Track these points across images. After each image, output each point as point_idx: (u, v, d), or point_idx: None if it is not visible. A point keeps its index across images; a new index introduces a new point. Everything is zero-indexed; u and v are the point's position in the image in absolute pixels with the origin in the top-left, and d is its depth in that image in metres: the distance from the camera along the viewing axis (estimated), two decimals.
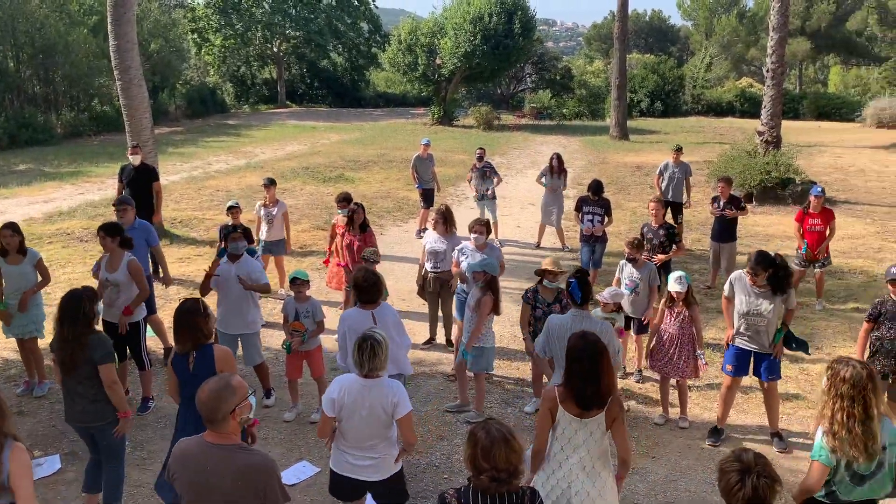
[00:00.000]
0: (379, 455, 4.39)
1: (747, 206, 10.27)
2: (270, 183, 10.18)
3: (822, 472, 3.92)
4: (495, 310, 6.61)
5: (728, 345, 6.38)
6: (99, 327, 6.31)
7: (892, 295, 6.06)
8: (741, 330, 6.22)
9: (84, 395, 4.96)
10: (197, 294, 8.42)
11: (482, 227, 7.57)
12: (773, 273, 5.97)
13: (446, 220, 8.16)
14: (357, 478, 4.43)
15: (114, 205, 7.78)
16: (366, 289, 5.46)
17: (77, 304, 4.91)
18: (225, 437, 3.39)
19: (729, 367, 6.34)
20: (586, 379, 4.00)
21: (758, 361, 6.26)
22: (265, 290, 7.03)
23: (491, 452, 3.23)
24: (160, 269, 8.27)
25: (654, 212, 8.84)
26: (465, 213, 12.70)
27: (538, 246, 12.63)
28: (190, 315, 4.70)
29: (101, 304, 6.02)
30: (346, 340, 5.36)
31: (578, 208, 10.24)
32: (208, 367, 4.60)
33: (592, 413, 4.05)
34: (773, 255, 6.08)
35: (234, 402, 3.39)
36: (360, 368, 4.25)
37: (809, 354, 6.58)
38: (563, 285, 6.73)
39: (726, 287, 6.41)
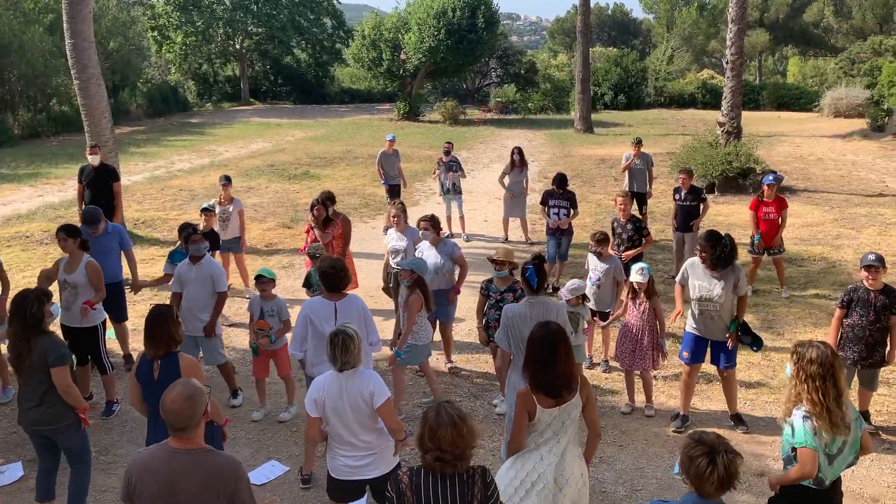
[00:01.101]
0: (375, 451, 4.37)
1: (707, 197, 10.43)
2: (227, 181, 10.06)
3: (813, 457, 3.91)
4: (427, 307, 6.60)
5: (684, 331, 6.52)
6: (57, 331, 6.23)
7: (864, 282, 6.19)
8: (696, 317, 6.35)
9: (36, 399, 4.89)
10: (161, 295, 8.33)
11: (427, 223, 7.56)
12: (718, 250, 6.13)
13: (406, 215, 8.28)
14: (358, 479, 4.39)
15: (84, 223, 7.39)
16: (332, 275, 5.42)
17: (23, 304, 4.86)
18: (192, 442, 3.33)
19: (686, 355, 6.47)
20: (544, 364, 4.06)
21: (714, 349, 6.39)
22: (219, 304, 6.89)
23: (437, 433, 3.27)
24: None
25: (621, 206, 8.83)
26: (432, 209, 12.69)
27: (506, 240, 12.68)
28: (163, 320, 4.66)
29: (57, 307, 5.91)
30: (305, 328, 5.45)
31: (544, 202, 10.30)
32: (174, 375, 4.50)
33: (566, 399, 4.11)
34: (723, 234, 6.24)
35: (203, 404, 3.37)
36: (334, 363, 4.25)
37: (756, 351, 6.70)
38: (516, 274, 6.80)
39: (680, 273, 6.57)
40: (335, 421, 4.29)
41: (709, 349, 6.43)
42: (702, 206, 10.27)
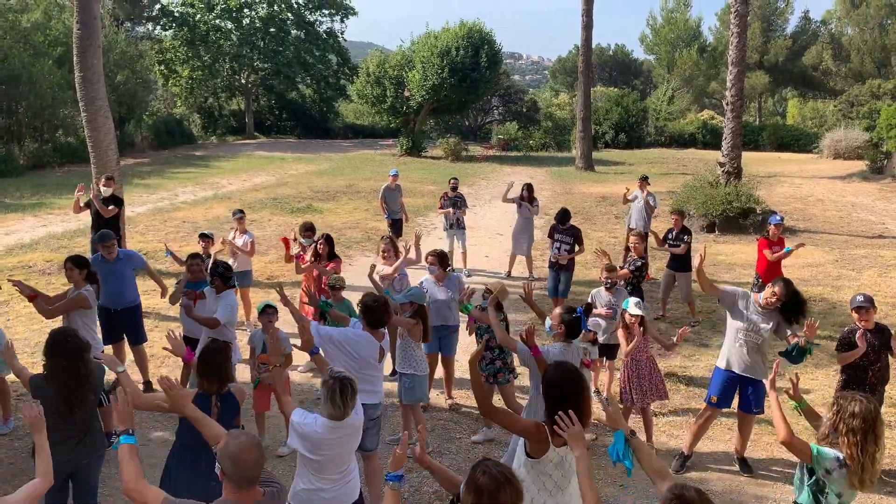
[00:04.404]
0: (352, 475, 4.47)
1: (683, 243, 10.33)
2: (241, 214, 10.26)
3: (805, 448, 3.99)
4: (424, 338, 6.62)
5: (716, 367, 6.38)
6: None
7: (858, 324, 6.20)
8: (735, 353, 6.21)
9: (81, 430, 4.77)
10: (168, 326, 8.32)
11: (434, 257, 7.59)
12: (791, 299, 5.99)
13: (395, 248, 8.45)
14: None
15: (100, 241, 7.70)
16: (373, 309, 5.38)
17: (75, 340, 4.73)
18: (256, 494, 3.23)
19: (714, 399, 6.32)
20: (566, 401, 3.83)
21: (744, 389, 6.26)
22: (211, 324, 6.73)
23: (498, 497, 3.01)
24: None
25: (634, 245, 8.91)
26: (435, 244, 12.73)
27: (508, 275, 12.70)
28: (218, 357, 4.69)
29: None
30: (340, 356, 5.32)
31: (551, 235, 10.44)
32: (234, 411, 4.64)
33: None
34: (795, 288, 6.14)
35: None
36: (339, 409, 4.15)
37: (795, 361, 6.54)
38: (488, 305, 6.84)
39: (731, 290, 6.28)
40: (328, 464, 4.29)
41: (738, 391, 6.30)
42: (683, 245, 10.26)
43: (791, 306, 6.05)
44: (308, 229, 9.34)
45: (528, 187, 12.75)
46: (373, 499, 5.46)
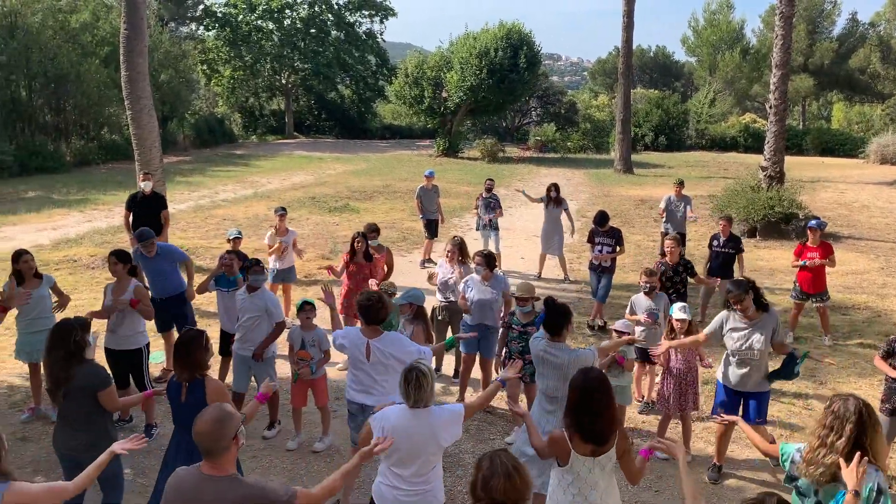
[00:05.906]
0: (430, 487, 4.35)
1: (744, 249, 10.28)
2: (283, 212, 10.39)
3: (774, 450, 4.23)
4: (428, 339, 6.64)
5: (717, 382, 6.37)
6: (101, 354, 6.37)
7: None
8: (732, 369, 6.15)
9: (77, 426, 4.91)
10: (207, 322, 8.45)
11: (482, 258, 7.64)
12: (755, 295, 6.00)
13: (462, 251, 8.36)
14: None
15: (139, 240, 7.85)
16: (368, 307, 5.42)
17: (67, 334, 4.88)
18: (221, 469, 3.37)
19: (721, 412, 6.12)
20: (594, 414, 3.97)
21: (746, 402, 6.20)
22: (275, 332, 6.91)
23: (489, 483, 3.21)
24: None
25: (669, 249, 8.81)
26: (470, 245, 12.74)
27: (539, 276, 12.66)
28: (191, 345, 4.73)
29: (93, 336, 5.95)
30: (345, 338, 5.51)
31: (591, 239, 10.34)
32: (199, 400, 4.59)
33: (604, 449, 4.04)
34: (743, 279, 6.24)
35: (234, 429, 3.40)
36: (407, 399, 4.24)
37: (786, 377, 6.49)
38: (538, 308, 6.82)
39: (710, 326, 6.34)
40: (398, 455, 4.26)
41: (741, 402, 6.23)
42: (738, 256, 10.09)
43: (758, 299, 6.03)
44: (373, 230, 9.27)
45: (555, 187, 12.65)
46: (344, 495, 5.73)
